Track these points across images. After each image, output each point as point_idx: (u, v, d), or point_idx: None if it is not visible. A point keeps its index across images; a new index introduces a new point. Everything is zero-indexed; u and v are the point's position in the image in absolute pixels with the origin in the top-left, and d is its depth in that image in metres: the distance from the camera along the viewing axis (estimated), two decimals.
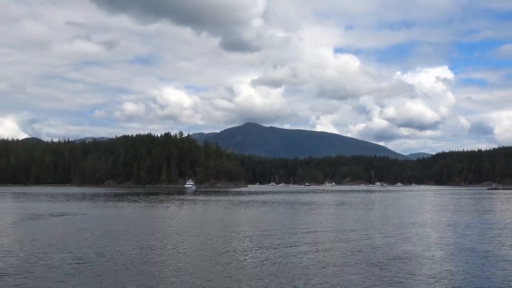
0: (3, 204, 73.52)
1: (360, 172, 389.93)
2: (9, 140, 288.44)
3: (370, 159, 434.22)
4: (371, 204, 77.43)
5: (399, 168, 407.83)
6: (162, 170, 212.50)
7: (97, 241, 28.51)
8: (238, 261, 21.76)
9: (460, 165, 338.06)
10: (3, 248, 25.50)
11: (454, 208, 65.21)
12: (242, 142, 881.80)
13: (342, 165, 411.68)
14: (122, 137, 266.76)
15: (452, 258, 22.66)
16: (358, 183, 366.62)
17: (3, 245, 26.83)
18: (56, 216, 47.48)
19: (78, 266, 20.45)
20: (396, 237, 30.69)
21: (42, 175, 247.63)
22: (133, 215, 51.92)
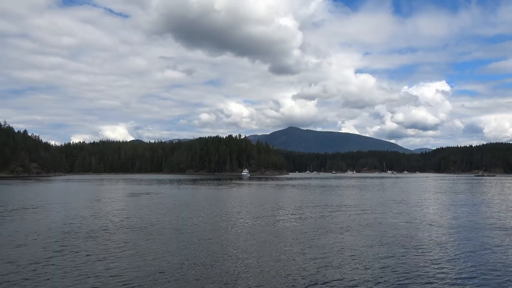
0: (117, 185, 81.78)
1: (375, 163, 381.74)
2: (120, 141, 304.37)
3: (383, 153, 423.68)
4: (384, 186, 79.16)
5: (406, 159, 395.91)
6: (226, 162, 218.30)
7: (179, 210, 33.93)
8: (285, 227, 21.66)
9: (454, 157, 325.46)
10: (120, 211, 31.70)
11: (441, 189, 66.47)
12: (286, 141, 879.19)
13: (361, 158, 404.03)
14: (198, 138, 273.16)
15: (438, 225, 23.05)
16: (373, 171, 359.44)
17: (119, 210, 33.11)
18: (152, 194, 54.02)
19: (158, 223, 25.65)
20: (403, 212, 29.91)
21: (143, 166, 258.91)
22: (208, 192, 56.64)
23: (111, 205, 35.61)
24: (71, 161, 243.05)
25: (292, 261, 13.66)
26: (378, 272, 12.38)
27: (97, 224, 22.40)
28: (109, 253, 15.03)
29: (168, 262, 13.46)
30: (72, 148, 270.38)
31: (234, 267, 12.79)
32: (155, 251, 15.18)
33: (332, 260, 14.00)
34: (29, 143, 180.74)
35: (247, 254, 14.79)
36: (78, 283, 11.07)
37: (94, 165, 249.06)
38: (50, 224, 22.61)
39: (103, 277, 11.69)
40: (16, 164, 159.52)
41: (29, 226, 21.71)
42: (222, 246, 16.19)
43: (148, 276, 11.80)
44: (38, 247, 15.90)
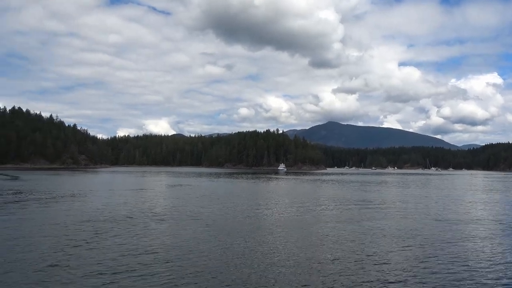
0: (159, 177, 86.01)
1: (418, 159, 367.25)
2: (162, 135, 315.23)
3: (427, 149, 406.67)
4: (427, 182, 76.27)
5: (451, 156, 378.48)
6: (263, 157, 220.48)
7: (217, 201, 36.00)
8: (322, 219, 22.10)
9: (505, 154, 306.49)
10: (161, 200, 34.22)
11: (492, 188, 62.23)
12: (325, 136, 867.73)
13: (403, 154, 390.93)
14: (236, 133, 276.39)
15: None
16: (416, 168, 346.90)
17: (160, 199, 35.66)
18: (192, 186, 56.83)
19: (201, 210, 27.67)
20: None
21: (183, 159, 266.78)
22: (244, 186, 58.11)
23: (152, 194, 38.26)
24: (116, 153, 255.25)
25: (335, 261, 12.94)
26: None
27: (137, 211, 24.75)
28: (145, 236, 17.08)
29: (200, 252, 14.11)
30: (117, 141, 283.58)
31: (273, 261, 12.67)
32: (194, 241, 15.85)
33: (367, 261, 12.92)
34: (78, 136, 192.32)
35: (282, 248, 14.78)
36: (115, 263, 13.06)
37: (137, 158, 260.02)
38: (95, 209, 25.30)
39: (136, 258, 13.63)
40: (66, 156, 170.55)
41: (76, 211, 24.50)
42: (259, 239, 16.31)
43: (186, 266, 12.63)
44: (83, 229, 18.30)
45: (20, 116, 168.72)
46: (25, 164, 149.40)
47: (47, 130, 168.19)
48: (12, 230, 17.42)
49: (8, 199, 31.78)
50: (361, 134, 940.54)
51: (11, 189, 41.87)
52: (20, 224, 19.20)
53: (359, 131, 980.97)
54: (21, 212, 23.60)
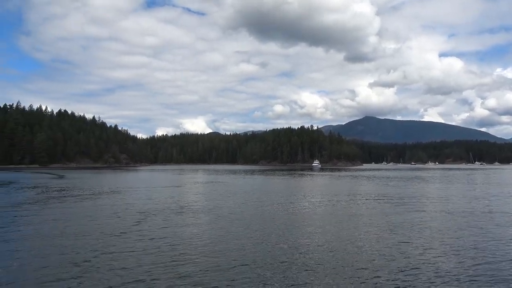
0: (196, 174, 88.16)
1: (461, 153, 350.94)
2: (198, 134, 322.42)
3: (471, 143, 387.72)
4: (471, 178, 73.83)
5: (497, 149, 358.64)
6: (298, 153, 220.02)
7: (255, 196, 36.73)
8: (360, 216, 21.21)
9: None
10: (198, 196, 35.29)
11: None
12: (362, 131, 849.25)
13: (445, 148, 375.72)
14: (271, 130, 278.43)
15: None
16: (459, 162, 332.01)
17: (197, 194, 36.77)
18: (227, 182, 57.98)
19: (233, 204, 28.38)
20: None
21: (219, 157, 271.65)
22: (280, 181, 58.73)
23: (190, 191, 39.60)
24: (155, 152, 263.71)
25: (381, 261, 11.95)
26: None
27: (175, 206, 25.83)
28: (184, 228, 17.92)
29: (238, 247, 14.19)
30: (156, 140, 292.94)
31: (315, 258, 12.31)
32: (231, 235, 16.01)
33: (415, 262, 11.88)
34: (119, 136, 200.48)
35: (321, 241, 14.58)
36: (155, 251, 13.90)
37: (175, 156, 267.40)
38: (135, 203, 26.66)
39: (172, 248, 14.41)
40: (108, 156, 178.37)
41: (118, 205, 25.90)
42: (296, 236, 15.96)
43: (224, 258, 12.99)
44: (124, 220, 19.46)
45: (66, 118, 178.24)
46: (71, 163, 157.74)
47: (90, 131, 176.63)
48: (59, 223, 18.84)
49: (54, 195, 34.04)
50: (400, 129, 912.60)
51: (57, 187, 44.67)
52: (65, 217, 20.70)
53: (397, 126, 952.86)
54: (66, 206, 25.33)
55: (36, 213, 22.92)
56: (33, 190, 39.53)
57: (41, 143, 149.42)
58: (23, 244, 14.32)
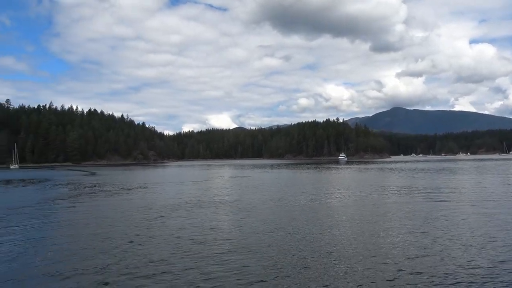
0: (222, 169, 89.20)
1: (494, 144, 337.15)
2: (224, 129, 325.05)
3: (505, 132, 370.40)
4: (502, 168, 70.78)
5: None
6: (323, 146, 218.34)
7: (282, 190, 36.97)
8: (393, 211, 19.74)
9: None
10: (226, 190, 35.87)
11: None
12: (390, 123, 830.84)
13: (477, 138, 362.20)
14: (296, 124, 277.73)
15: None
16: (492, 153, 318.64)
17: (227, 188, 37.36)
18: (252, 177, 58.32)
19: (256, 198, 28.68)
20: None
21: (244, 152, 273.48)
22: (306, 175, 58.55)
23: (217, 185, 40.21)
24: (182, 148, 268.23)
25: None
26: None
27: (203, 200, 26.38)
28: (212, 221, 18.38)
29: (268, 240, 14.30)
30: (182, 136, 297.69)
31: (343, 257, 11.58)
32: (262, 229, 15.89)
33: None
34: (147, 133, 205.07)
35: (350, 236, 13.93)
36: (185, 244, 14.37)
37: (201, 152, 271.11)
38: (164, 197, 27.45)
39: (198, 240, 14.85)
40: (137, 153, 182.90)
41: (147, 199, 26.75)
42: (325, 230, 15.49)
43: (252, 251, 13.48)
44: (152, 214, 20.13)
45: (95, 117, 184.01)
46: (102, 161, 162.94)
47: (119, 129, 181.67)
48: (90, 216, 19.70)
49: (86, 191, 35.45)
50: (429, 119, 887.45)
51: (89, 183, 46.42)
52: (96, 211, 21.61)
53: (426, 116, 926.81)
54: (97, 201, 26.38)
55: (69, 207, 24.03)
56: (67, 187, 41.26)
57: (73, 141, 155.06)
58: (57, 236, 15.17)
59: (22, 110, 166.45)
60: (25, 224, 18.28)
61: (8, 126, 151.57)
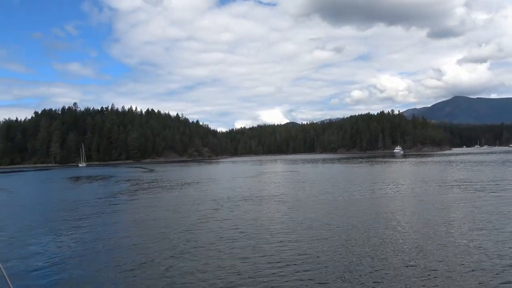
0: (274, 165, 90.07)
1: None
2: (275, 125, 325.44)
3: None
4: None
5: None
6: (378, 140, 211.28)
7: (336, 185, 36.96)
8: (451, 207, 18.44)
9: None
10: (280, 185, 36.41)
11: None
12: (451, 113, 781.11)
13: None
14: (348, 117, 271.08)
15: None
16: None
17: (280, 183, 37.96)
18: (303, 171, 58.46)
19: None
20: None
21: (296, 147, 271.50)
22: (360, 169, 57.26)
23: (270, 180, 41.15)
24: (235, 144, 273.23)
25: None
26: None
27: (256, 194, 27.29)
28: (267, 215, 19.17)
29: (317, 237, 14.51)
30: (235, 133, 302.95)
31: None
32: (316, 225, 15.57)
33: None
34: (201, 131, 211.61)
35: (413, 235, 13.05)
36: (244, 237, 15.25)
37: (253, 147, 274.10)
38: (219, 191, 28.74)
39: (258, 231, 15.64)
40: (192, 150, 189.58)
41: (203, 194, 28.19)
42: (384, 227, 14.59)
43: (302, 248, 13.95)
44: (209, 206, 21.33)
45: (153, 116, 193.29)
46: (160, 158, 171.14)
47: (175, 127, 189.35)
48: (148, 209, 21.34)
49: (145, 186, 37.96)
50: (495, 108, 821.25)
51: (147, 179, 49.44)
52: (154, 204, 23.30)
53: (492, 105, 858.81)
54: (155, 195, 28.32)
55: (129, 201, 26.10)
56: (128, 183, 44.37)
57: (133, 140, 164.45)
58: (118, 225, 16.81)
59: (87, 112, 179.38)
60: (91, 214, 20.42)
61: (76, 128, 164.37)
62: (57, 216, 20.63)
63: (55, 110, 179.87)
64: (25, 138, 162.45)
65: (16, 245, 13.98)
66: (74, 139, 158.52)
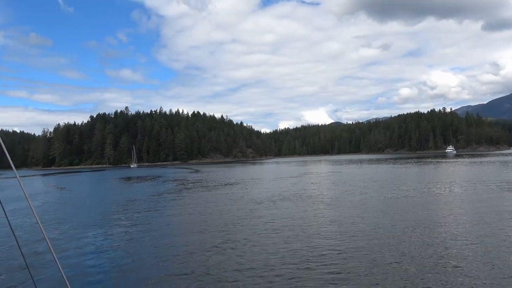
0: (318, 165, 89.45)
1: None
2: (319, 125, 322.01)
3: None
4: None
5: None
6: (428, 139, 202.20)
7: (384, 186, 36.54)
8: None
9: None
10: (325, 186, 36.58)
11: None
12: (510, 110, 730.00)
13: None
14: (396, 116, 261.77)
15: None
16: None
17: (325, 184, 38.08)
18: (353, 172, 57.83)
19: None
20: None
21: (341, 147, 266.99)
22: (408, 171, 55.63)
23: (314, 181, 41.39)
24: (278, 145, 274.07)
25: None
26: None
27: (302, 194, 27.82)
28: (311, 216, 19.69)
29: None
30: (279, 134, 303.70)
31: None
32: (363, 226, 15.35)
33: None
34: (245, 132, 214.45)
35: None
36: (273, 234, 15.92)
37: (297, 148, 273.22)
38: (260, 191, 29.55)
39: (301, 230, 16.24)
40: (237, 151, 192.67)
41: (246, 192, 29.12)
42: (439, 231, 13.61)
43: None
44: (258, 205, 22.19)
45: (199, 118, 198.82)
46: (205, 159, 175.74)
47: (220, 128, 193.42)
48: (193, 207, 22.55)
49: (189, 186, 39.60)
50: None
51: (192, 179, 51.39)
52: (198, 202, 24.52)
53: None
54: (199, 194, 29.64)
55: (176, 199, 27.58)
56: (174, 182, 46.51)
57: (180, 142, 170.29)
58: (164, 221, 18.04)
59: (138, 116, 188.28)
60: (140, 211, 22.04)
61: (128, 130, 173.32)
62: (109, 212, 22.46)
63: (109, 114, 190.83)
64: (82, 141, 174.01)
65: (73, 237, 15.57)
66: (126, 141, 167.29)
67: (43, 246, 13.51)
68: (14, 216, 21.56)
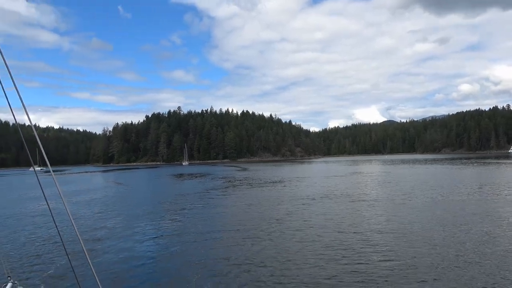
0: (369, 165, 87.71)
1: None
2: (370, 123, 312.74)
3: None
4: None
5: None
6: (490, 139, 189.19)
7: (440, 188, 35.43)
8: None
9: None
10: (375, 186, 36.13)
11: None
12: None
13: None
14: (454, 114, 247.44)
15: None
16: None
17: (375, 184, 37.59)
18: (408, 172, 56.19)
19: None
20: None
21: (394, 146, 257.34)
22: (469, 172, 52.94)
23: (365, 180, 41.01)
24: (328, 144, 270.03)
25: None
26: None
27: (352, 194, 27.94)
28: (360, 216, 19.95)
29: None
30: (328, 132, 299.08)
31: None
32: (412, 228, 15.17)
33: None
34: (294, 131, 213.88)
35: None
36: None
37: (347, 147, 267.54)
38: (305, 189, 29.96)
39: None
40: (285, 149, 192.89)
41: (293, 191, 29.69)
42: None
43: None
44: (297, 203, 22.74)
45: (248, 117, 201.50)
46: (254, 157, 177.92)
47: (268, 127, 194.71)
48: (240, 203, 23.51)
49: (237, 183, 40.81)
50: None
51: (240, 177, 52.78)
52: (245, 199, 25.45)
53: None
54: (248, 191, 30.61)
55: (224, 195, 28.77)
56: (223, 180, 48.08)
57: (230, 140, 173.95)
58: (211, 215, 19.10)
59: (189, 115, 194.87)
60: (190, 205, 23.45)
61: (180, 129, 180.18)
62: (161, 205, 24.12)
63: (162, 113, 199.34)
64: (138, 139, 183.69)
65: (128, 226, 17.06)
66: (179, 140, 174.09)
67: (102, 233, 15.02)
68: (72, 207, 23.80)
